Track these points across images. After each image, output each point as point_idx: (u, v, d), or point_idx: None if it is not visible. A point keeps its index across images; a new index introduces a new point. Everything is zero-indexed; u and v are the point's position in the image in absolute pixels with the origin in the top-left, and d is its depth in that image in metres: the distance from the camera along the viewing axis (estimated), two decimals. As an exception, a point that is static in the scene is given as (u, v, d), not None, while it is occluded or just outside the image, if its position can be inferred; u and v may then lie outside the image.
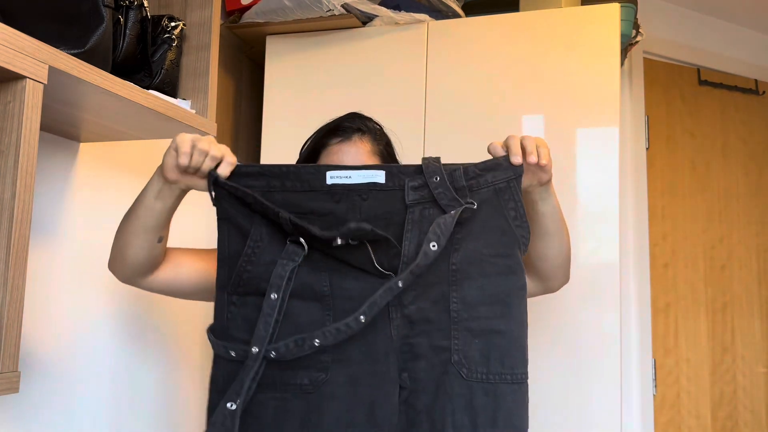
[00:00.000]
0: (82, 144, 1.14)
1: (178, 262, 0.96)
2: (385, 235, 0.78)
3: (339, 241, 0.77)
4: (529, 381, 1.36)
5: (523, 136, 0.85)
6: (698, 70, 2.41)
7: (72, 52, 0.78)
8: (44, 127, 1.02)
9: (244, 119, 1.74)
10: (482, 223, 0.82)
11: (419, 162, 0.84)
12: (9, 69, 0.66)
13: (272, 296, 0.78)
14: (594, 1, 1.54)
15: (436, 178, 0.81)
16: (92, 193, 1.17)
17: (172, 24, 1.03)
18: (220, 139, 1.60)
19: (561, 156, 1.41)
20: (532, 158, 0.83)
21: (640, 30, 1.67)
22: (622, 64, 1.66)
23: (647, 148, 2.29)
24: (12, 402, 0.99)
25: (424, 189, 0.81)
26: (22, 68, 0.67)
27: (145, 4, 0.98)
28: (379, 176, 0.81)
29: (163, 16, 1.04)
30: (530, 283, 1.00)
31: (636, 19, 1.62)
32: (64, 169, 1.10)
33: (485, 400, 0.80)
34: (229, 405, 0.77)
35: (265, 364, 0.79)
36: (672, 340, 2.21)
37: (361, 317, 0.77)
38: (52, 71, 0.73)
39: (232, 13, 1.61)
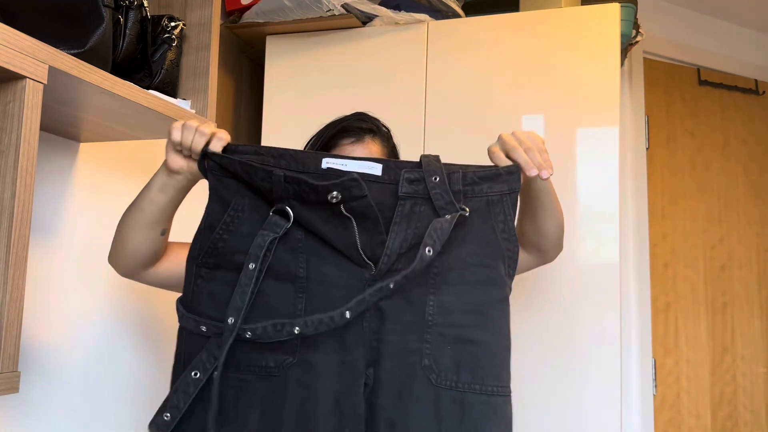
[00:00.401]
0: (82, 144, 1.14)
1: (178, 255, 0.97)
2: (375, 209, 0.76)
3: (334, 194, 0.75)
4: (530, 380, 1.36)
5: (526, 146, 0.83)
6: (698, 70, 2.41)
7: (72, 52, 0.78)
8: (44, 127, 1.02)
9: (244, 119, 1.74)
10: (470, 231, 0.81)
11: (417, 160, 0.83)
12: (9, 69, 0.66)
13: (250, 266, 0.76)
14: (594, 1, 1.54)
15: (436, 178, 0.80)
16: (92, 193, 1.17)
17: (172, 24, 1.03)
18: (220, 139, 1.61)
19: (561, 156, 1.41)
20: (545, 173, 0.82)
21: (640, 30, 1.67)
22: (622, 64, 1.66)
23: (647, 148, 2.29)
24: (12, 402, 0.99)
25: (420, 184, 0.79)
26: (22, 68, 0.67)
27: (145, 4, 0.98)
28: (375, 168, 0.80)
29: (163, 16, 1.04)
30: (528, 257, 1.01)
31: (636, 19, 1.62)
32: (64, 169, 1.10)
33: (452, 409, 0.77)
34: (193, 374, 0.76)
35: (233, 343, 0.76)
36: (672, 340, 2.21)
37: (347, 313, 0.74)
38: (52, 71, 0.73)
39: (232, 13, 1.61)
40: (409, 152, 1.50)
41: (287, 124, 1.61)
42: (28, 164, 0.68)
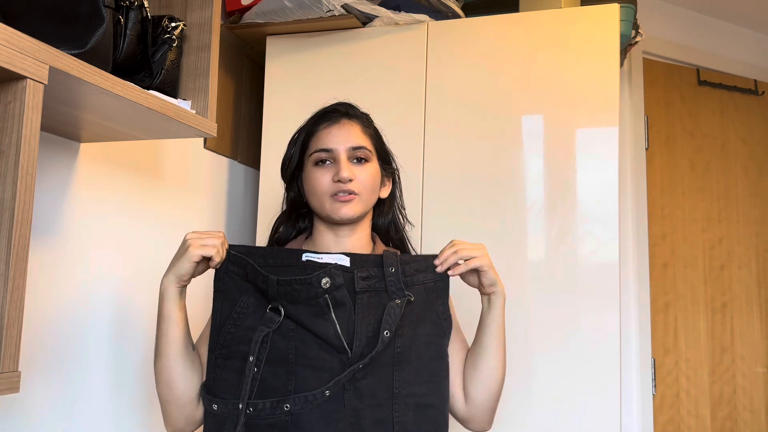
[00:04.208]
0: (82, 144, 1.14)
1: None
2: (348, 297, 0.93)
3: (325, 280, 0.90)
4: (530, 380, 1.37)
5: (459, 248, 0.97)
6: (697, 70, 2.41)
7: (72, 52, 0.78)
8: (45, 127, 1.02)
9: (244, 119, 1.74)
10: (417, 314, 0.98)
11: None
12: (9, 69, 0.66)
13: (250, 359, 0.91)
14: (594, 1, 1.54)
15: (392, 269, 0.96)
16: (92, 194, 1.17)
17: (173, 24, 1.03)
18: (219, 139, 1.61)
19: (561, 156, 1.41)
20: (439, 268, 0.99)
21: (639, 30, 1.67)
22: (621, 64, 1.66)
23: (647, 148, 2.29)
24: (12, 402, 0.99)
25: (371, 279, 0.95)
26: (23, 68, 0.67)
27: (146, 4, 0.98)
28: (344, 260, 0.96)
29: (163, 16, 1.03)
30: (460, 402, 1.04)
31: (635, 19, 1.62)
32: (64, 170, 1.10)
33: None
34: None
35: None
36: (671, 340, 2.21)
37: (327, 392, 0.90)
38: (53, 71, 0.72)
39: (232, 14, 1.62)
40: (409, 152, 1.50)
41: (287, 124, 1.61)
42: (28, 165, 0.68)
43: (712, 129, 2.39)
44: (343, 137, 1.03)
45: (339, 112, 1.07)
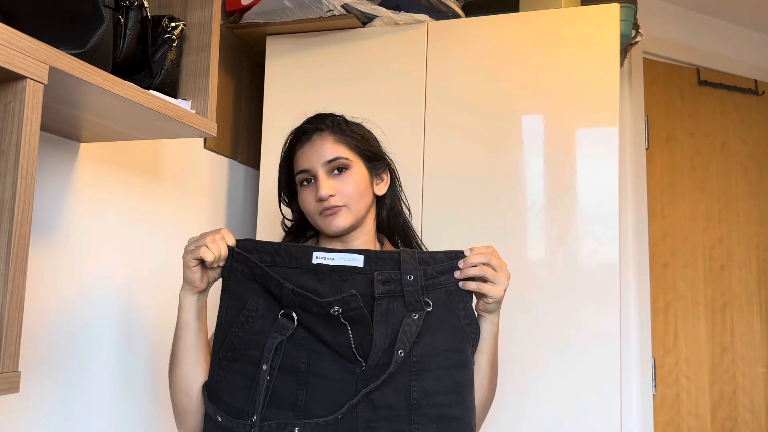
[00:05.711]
0: (82, 144, 1.14)
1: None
2: (367, 315, 0.87)
3: (336, 308, 0.85)
4: (530, 380, 1.37)
5: (488, 268, 0.91)
6: (698, 70, 2.41)
7: (72, 52, 0.78)
8: (44, 127, 1.02)
9: (244, 119, 1.74)
10: (438, 320, 0.92)
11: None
12: (9, 69, 0.66)
13: (264, 367, 0.87)
14: (594, 1, 1.54)
15: (410, 277, 0.90)
16: (92, 194, 1.17)
17: (173, 24, 1.03)
18: (219, 139, 1.61)
19: (561, 156, 1.41)
20: (456, 273, 0.93)
21: (639, 30, 1.67)
22: (621, 64, 1.66)
23: (647, 148, 2.29)
24: (12, 402, 0.99)
25: (391, 284, 0.90)
26: (23, 68, 0.67)
27: (146, 4, 0.98)
28: (358, 260, 0.91)
29: (163, 16, 1.03)
30: None
31: (636, 19, 1.62)
32: (64, 170, 1.10)
33: None
34: None
35: None
36: (671, 340, 2.21)
37: (338, 416, 0.86)
38: (53, 71, 0.72)
39: (232, 14, 1.62)
40: (409, 152, 1.50)
41: (287, 124, 1.60)
42: (28, 164, 0.68)
43: (712, 129, 2.39)
44: (316, 155, 1.04)
45: (309, 130, 1.07)
